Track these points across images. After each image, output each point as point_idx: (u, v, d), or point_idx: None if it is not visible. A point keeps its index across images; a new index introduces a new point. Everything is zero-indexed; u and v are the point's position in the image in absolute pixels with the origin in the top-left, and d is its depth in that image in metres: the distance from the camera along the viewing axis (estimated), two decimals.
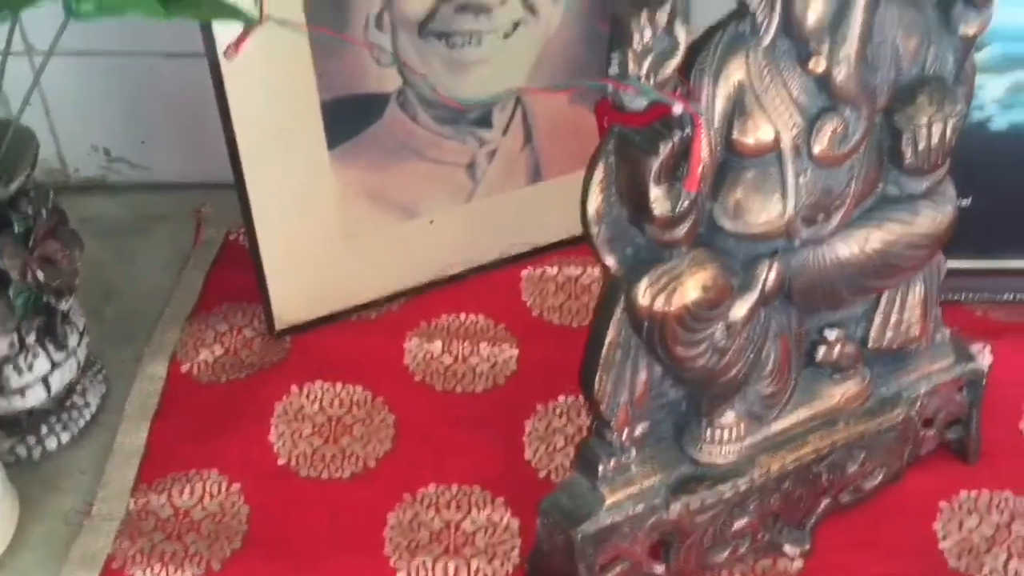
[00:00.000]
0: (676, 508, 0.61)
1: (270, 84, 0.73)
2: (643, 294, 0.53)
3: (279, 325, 0.81)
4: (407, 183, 0.83)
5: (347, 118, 0.78)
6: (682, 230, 0.51)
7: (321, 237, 0.80)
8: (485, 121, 0.83)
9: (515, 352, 0.81)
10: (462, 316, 0.84)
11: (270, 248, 0.78)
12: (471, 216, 0.86)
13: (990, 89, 0.82)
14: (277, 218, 0.78)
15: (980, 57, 0.79)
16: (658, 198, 0.49)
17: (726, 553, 0.64)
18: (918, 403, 0.68)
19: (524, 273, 0.87)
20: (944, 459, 0.72)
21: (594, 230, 0.51)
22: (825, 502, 0.67)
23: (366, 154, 0.80)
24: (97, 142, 0.95)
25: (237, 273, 0.84)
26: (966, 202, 0.84)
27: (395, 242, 0.84)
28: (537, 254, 0.88)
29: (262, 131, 0.74)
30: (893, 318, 0.64)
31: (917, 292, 0.64)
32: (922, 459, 0.71)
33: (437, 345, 0.81)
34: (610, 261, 0.52)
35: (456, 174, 0.84)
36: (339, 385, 0.77)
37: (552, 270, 0.87)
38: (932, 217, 0.60)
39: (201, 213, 0.91)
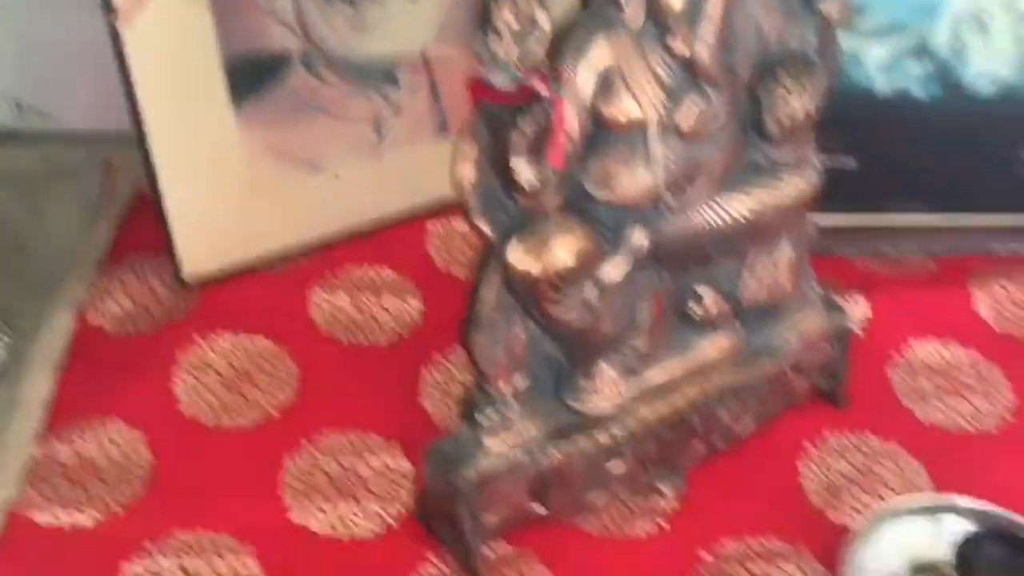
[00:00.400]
0: (555, 455, 0.65)
1: (170, 42, 0.74)
2: (516, 258, 0.56)
3: (187, 278, 0.83)
4: (313, 139, 0.85)
5: (251, 76, 0.80)
6: (550, 200, 0.54)
7: (227, 192, 0.82)
8: (391, 78, 0.85)
9: (420, 305, 0.84)
10: (368, 269, 0.87)
11: (176, 203, 0.80)
12: (377, 171, 0.88)
13: (874, 54, 0.86)
14: (182, 173, 0.79)
15: (864, 24, 0.84)
16: (523, 171, 0.52)
17: (603, 494, 0.69)
18: (789, 355, 0.73)
19: (431, 227, 0.90)
20: (815, 404, 0.77)
21: (468, 199, 0.54)
22: (699, 447, 0.72)
23: (271, 111, 0.82)
24: (7, 92, 0.95)
25: (147, 226, 0.85)
26: (851, 162, 0.89)
27: (302, 196, 0.86)
28: (444, 208, 0.91)
29: (164, 88, 0.76)
30: (764, 275, 0.68)
31: (787, 251, 0.68)
32: (797, 405, 0.76)
33: (343, 297, 0.84)
34: (484, 227, 0.56)
35: (362, 130, 0.86)
36: (245, 337, 0.80)
37: (458, 224, 0.90)
38: (797, 185, 0.64)
39: (111, 165, 0.92)
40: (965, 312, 0.86)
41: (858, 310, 0.83)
